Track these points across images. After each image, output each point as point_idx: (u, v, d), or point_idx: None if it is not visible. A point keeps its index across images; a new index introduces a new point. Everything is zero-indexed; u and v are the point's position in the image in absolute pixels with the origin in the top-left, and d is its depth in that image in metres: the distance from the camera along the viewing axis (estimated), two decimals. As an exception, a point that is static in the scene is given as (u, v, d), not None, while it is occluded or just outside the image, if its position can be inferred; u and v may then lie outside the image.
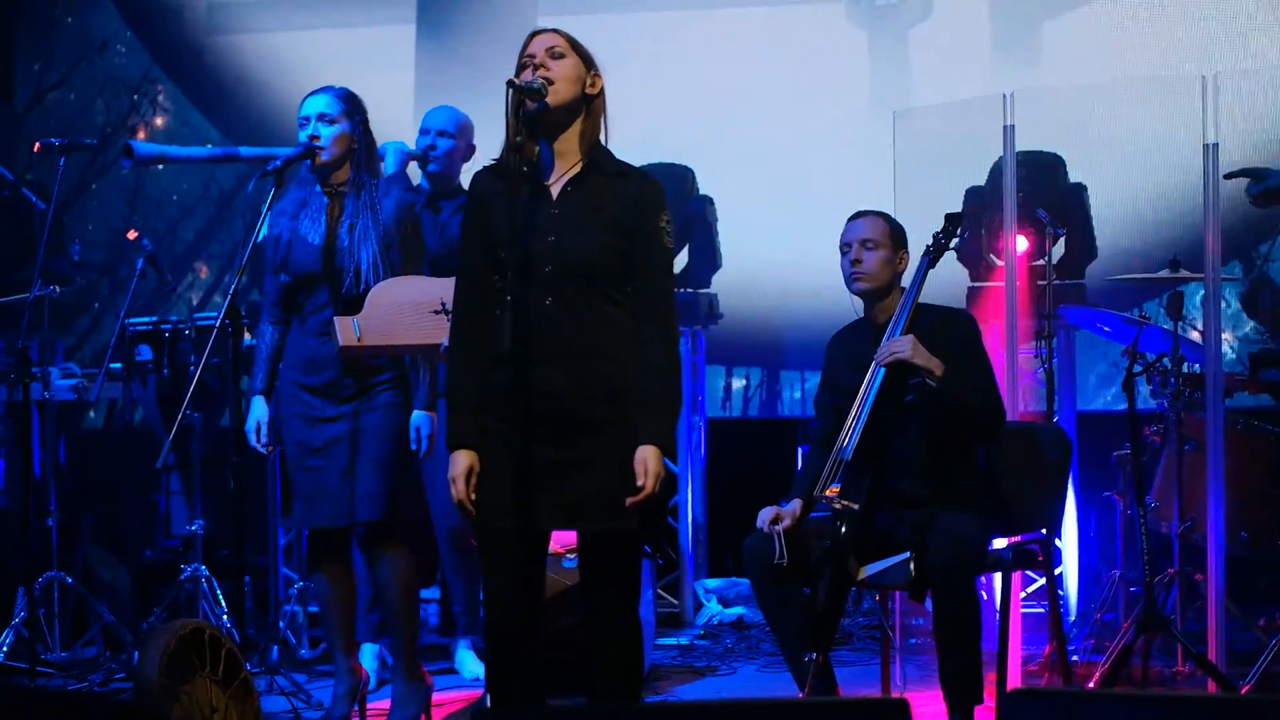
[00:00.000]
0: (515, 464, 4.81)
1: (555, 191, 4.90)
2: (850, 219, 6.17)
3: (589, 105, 4.95)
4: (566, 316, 4.83)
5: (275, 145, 6.81)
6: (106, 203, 10.69)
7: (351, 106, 6.18)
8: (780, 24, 10.14)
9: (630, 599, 4.99)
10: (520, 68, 4.92)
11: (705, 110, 10.07)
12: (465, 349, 4.93)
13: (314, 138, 6.10)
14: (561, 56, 4.90)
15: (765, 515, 5.88)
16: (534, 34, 4.98)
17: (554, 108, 4.86)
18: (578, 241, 4.83)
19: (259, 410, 6.22)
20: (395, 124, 7.61)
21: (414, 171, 7.35)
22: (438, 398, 6.17)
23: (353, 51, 10.42)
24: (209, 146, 8.64)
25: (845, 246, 6.11)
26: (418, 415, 6.13)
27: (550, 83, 4.84)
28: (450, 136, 7.37)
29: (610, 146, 5.00)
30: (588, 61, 4.96)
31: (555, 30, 5.00)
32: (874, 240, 6.06)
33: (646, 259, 4.90)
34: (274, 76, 10.53)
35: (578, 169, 4.92)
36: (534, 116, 4.84)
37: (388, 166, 7.05)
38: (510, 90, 4.80)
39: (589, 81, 4.94)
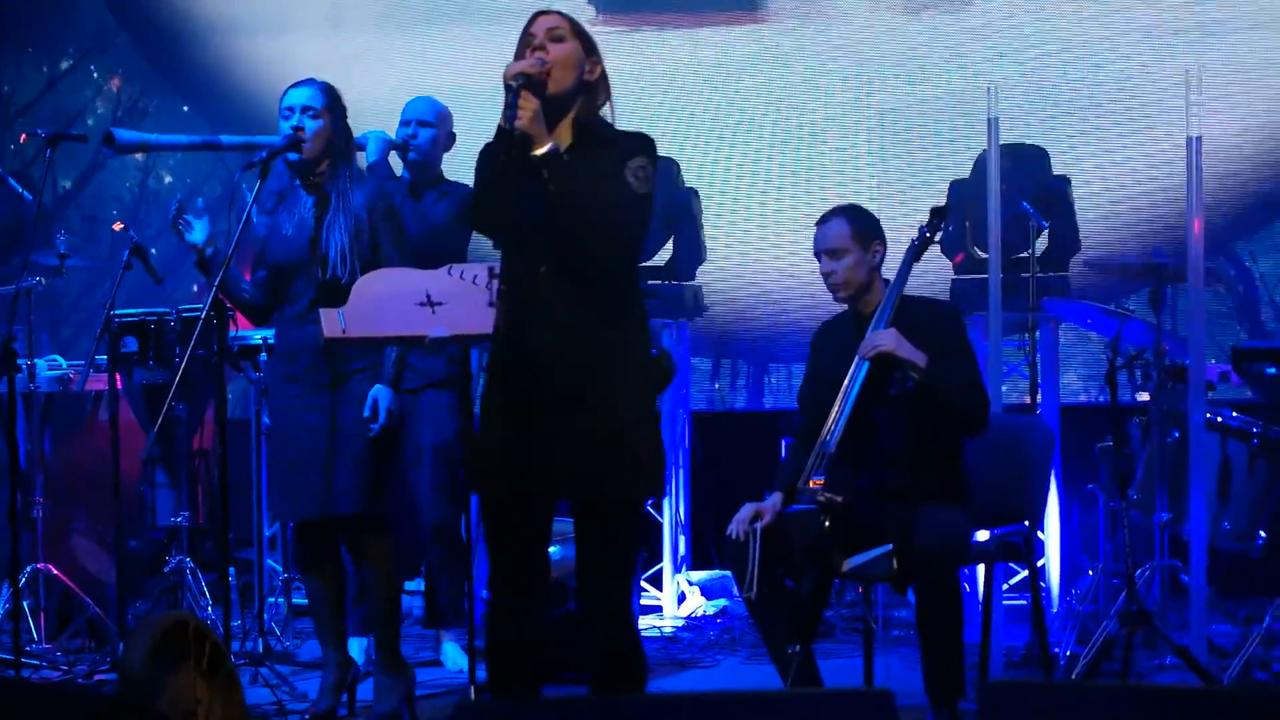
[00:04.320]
0: (514, 435, 4.81)
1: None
2: (816, 224, 6.18)
3: (587, 90, 4.91)
4: (560, 285, 4.81)
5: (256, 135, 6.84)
6: (121, 189, 10.72)
7: (333, 100, 6.23)
8: (767, 18, 10.16)
9: (620, 577, 4.97)
10: (521, 46, 4.88)
11: (690, 102, 10.08)
12: None
13: (298, 129, 6.13)
14: (562, 40, 4.84)
15: (744, 514, 5.89)
16: (536, 15, 4.93)
17: (551, 95, 4.80)
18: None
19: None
20: (375, 114, 7.62)
21: (395, 162, 7.37)
22: (402, 375, 6.22)
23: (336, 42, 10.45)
24: (191, 135, 8.64)
25: (816, 255, 6.14)
26: (378, 388, 6.13)
27: (547, 70, 4.77)
28: (430, 126, 7.40)
29: None
30: (588, 46, 4.90)
31: (558, 12, 4.94)
32: (839, 249, 6.07)
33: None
34: (255, 73, 10.55)
35: (568, 143, 4.86)
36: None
37: (369, 156, 7.09)
38: (508, 91, 4.72)
39: (588, 67, 4.89)
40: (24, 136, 7.85)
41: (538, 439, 4.78)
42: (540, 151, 4.71)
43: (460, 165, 7.44)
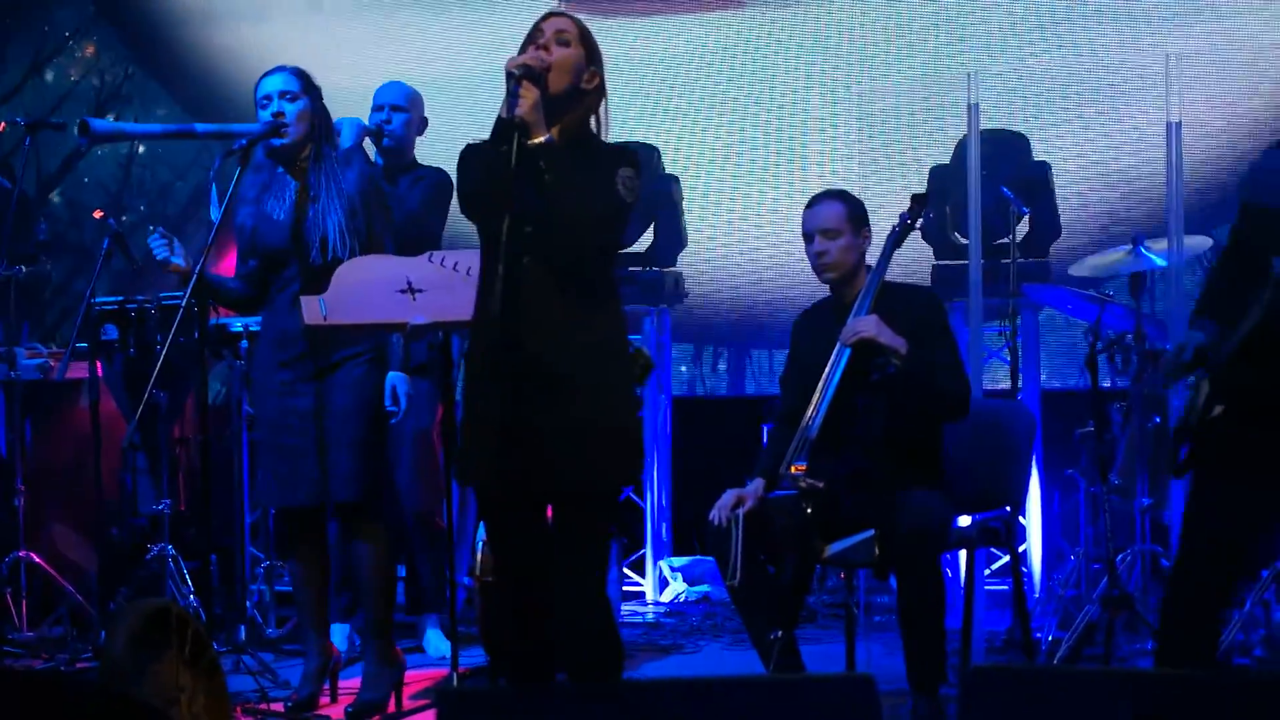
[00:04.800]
0: (499, 426, 4.81)
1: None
2: (808, 205, 6.17)
3: (582, 100, 4.92)
4: (545, 275, 4.82)
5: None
6: (105, 175, 10.73)
7: (307, 83, 6.23)
8: (745, 4, 10.16)
9: (599, 566, 4.98)
10: (527, 42, 4.91)
11: (670, 89, 10.08)
12: None
13: (278, 115, 6.13)
14: (567, 44, 4.88)
15: (726, 500, 5.90)
16: (548, 14, 4.97)
17: (549, 94, 4.81)
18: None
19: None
20: (354, 101, 7.61)
21: (368, 147, 7.36)
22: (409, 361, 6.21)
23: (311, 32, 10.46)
24: (164, 123, 8.63)
25: (808, 236, 6.12)
26: (394, 375, 6.13)
27: (549, 67, 4.81)
28: (403, 110, 7.39)
29: None
30: (591, 56, 4.93)
31: (570, 16, 4.97)
32: (834, 229, 6.06)
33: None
34: (234, 61, 10.55)
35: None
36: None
37: (343, 141, 7.07)
38: (509, 80, 4.76)
39: (586, 76, 4.91)
40: (2, 125, 7.83)
41: (522, 429, 4.79)
42: (538, 140, 4.74)
43: (435, 150, 7.44)
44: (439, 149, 7.45)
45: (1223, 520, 5.12)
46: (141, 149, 10.74)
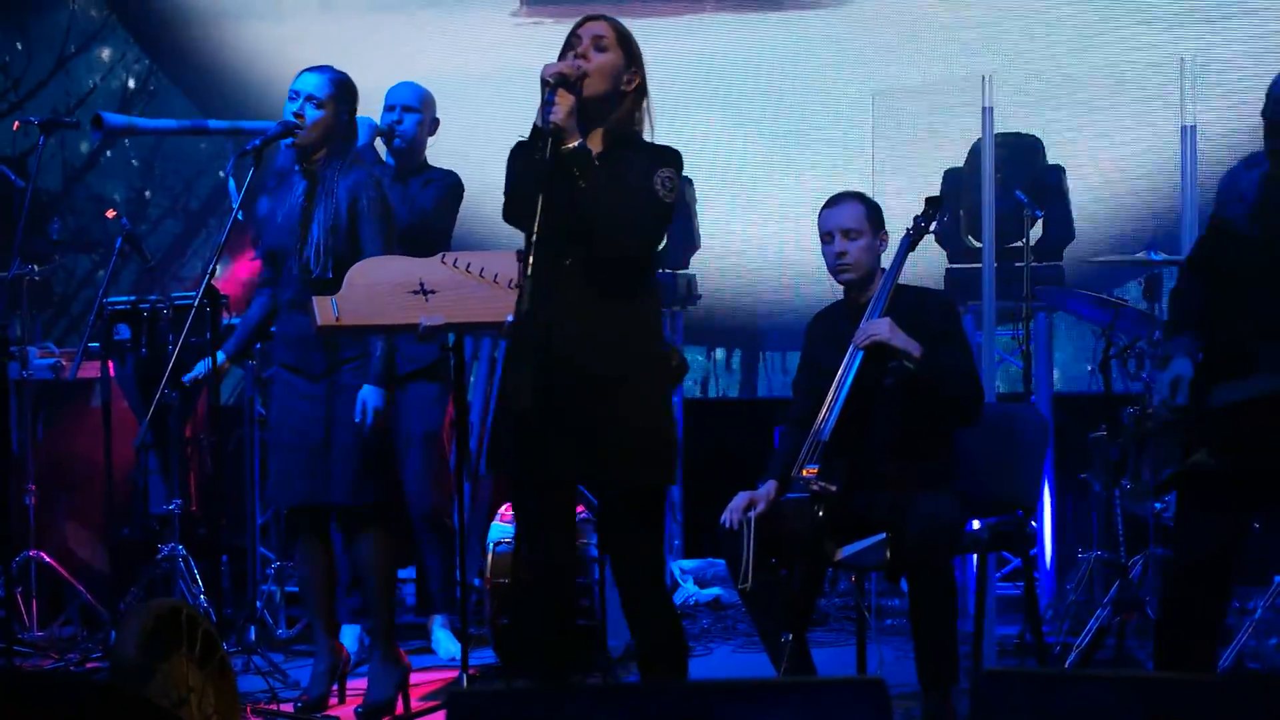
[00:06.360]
0: (533, 418, 4.86)
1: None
2: (827, 205, 6.14)
3: (622, 102, 4.99)
4: (582, 276, 4.89)
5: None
6: (130, 170, 10.76)
7: (341, 92, 6.18)
8: (762, 8, 10.15)
9: (653, 565, 5.06)
10: (565, 47, 4.96)
11: (684, 91, 10.07)
12: None
13: (298, 116, 6.11)
14: (605, 50, 4.94)
15: (738, 502, 5.89)
16: (586, 19, 5.01)
17: (586, 99, 4.89)
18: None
19: (205, 364, 6.27)
20: (366, 100, 7.62)
21: (379, 147, 7.35)
22: (394, 374, 6.17)
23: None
24: (178, 119, 8.64)
25: (826, 235, 6.08)
26: (366, 389, 6.10)
27: (585, 75, 4.87)
28: (415, 111, 7.38)
29: None
30: (631, 57, 5.00)
31: (607, 19, 5.01)
32: (855, 229, 6.04)
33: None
34: (246, 59, 10.55)
35: (598, 150, 4.94)
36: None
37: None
38: (544, 88, 4.82)
39: (626, 78, 4.98)
40: (17, 124, 7.85)
41: (553, 422, 4.86)
42: (570, 146, 4.80)
43: (446, 151, 7.43)
44: (451, 147, 7.45)
45: (1210, 530, 5.18)
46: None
